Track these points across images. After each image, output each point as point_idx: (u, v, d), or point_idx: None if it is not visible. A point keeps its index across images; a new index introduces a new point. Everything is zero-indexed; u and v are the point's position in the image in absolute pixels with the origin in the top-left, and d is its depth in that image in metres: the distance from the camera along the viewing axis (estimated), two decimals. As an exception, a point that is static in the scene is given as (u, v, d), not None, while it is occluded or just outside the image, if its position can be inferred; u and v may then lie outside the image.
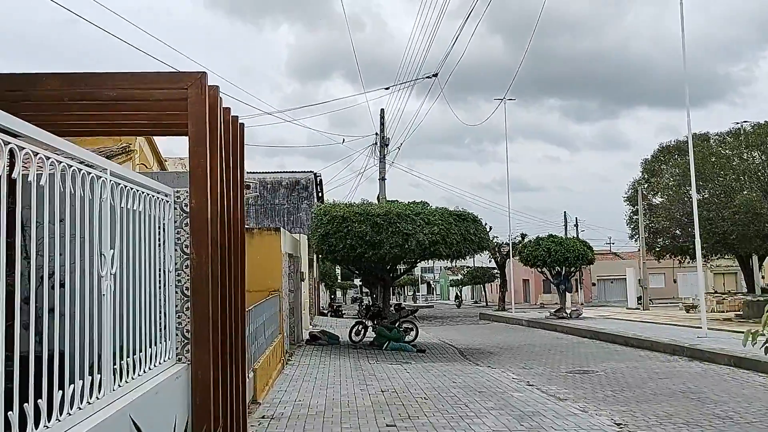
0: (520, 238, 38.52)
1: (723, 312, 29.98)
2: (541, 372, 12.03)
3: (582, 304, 44.33)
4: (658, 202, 36.53)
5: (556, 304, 51.65)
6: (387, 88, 21.70)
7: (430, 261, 19.35)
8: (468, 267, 69.22)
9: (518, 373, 11.79)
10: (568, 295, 26.96)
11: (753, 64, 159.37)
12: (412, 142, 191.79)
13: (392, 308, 17.50)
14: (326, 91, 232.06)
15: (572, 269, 25.64)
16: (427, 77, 20.71)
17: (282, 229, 13.05)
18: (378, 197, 26.09)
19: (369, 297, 35.13)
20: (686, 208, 27.78)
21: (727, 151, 30.35)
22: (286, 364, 12.17)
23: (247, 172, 37.71)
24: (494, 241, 35.75)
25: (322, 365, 12.29)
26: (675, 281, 61.33)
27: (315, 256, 23.37)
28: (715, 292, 43.19)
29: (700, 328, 18.86)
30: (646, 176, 38.04)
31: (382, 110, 27.41)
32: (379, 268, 16.49)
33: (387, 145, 26.89)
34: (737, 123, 31.62)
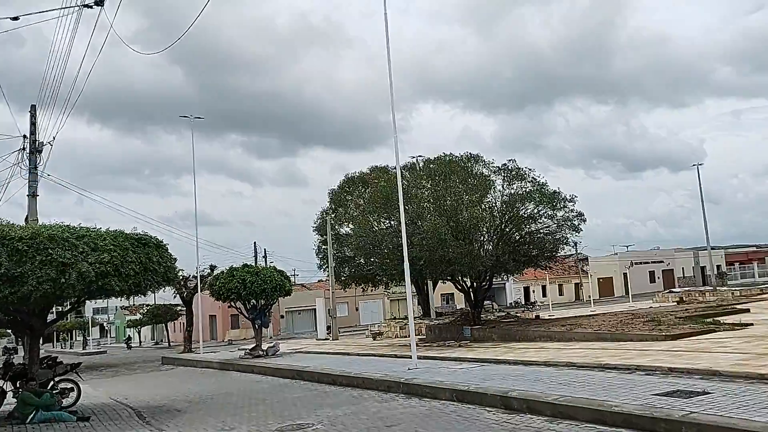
0: (209, 270, 35.49)
1: (407, 337, 30.87)
2: (246, 434, 9.52)
3: (272, 338, 42.88)
4: (344, 232, 37.24)
5: (245, 339, 49.49)
6: (15, 18, 16.45)
7: (100, 300, 15.43)
8: (148, 305, 63.29)
9: (218, 439, 9.11)
10: (263, 330, 24.82)
11: (408, 114, 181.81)
12: (84, 173, 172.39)
13: (43, 365, 13.20)
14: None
15: (270, 302, 23.60)
16: (88, 6, 16.34)
17: None
18: (26, 218, 20.47)
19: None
20: (375, 236, 28.08)
21: (404, 182, 32.23)
22: None
23: None
24: (181, 274, 32.12)
25: None
26: (357, 309, 64.12)
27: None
28: (395, 318, 45.67)
29: (400, 357, 18.44)
30: (333, 206, 38.68)
31: (33, 106, 21.59)
32: (24, 311, 12.18)
33: (40, 152, 21.24)
34: (413, 157, 34.13)
